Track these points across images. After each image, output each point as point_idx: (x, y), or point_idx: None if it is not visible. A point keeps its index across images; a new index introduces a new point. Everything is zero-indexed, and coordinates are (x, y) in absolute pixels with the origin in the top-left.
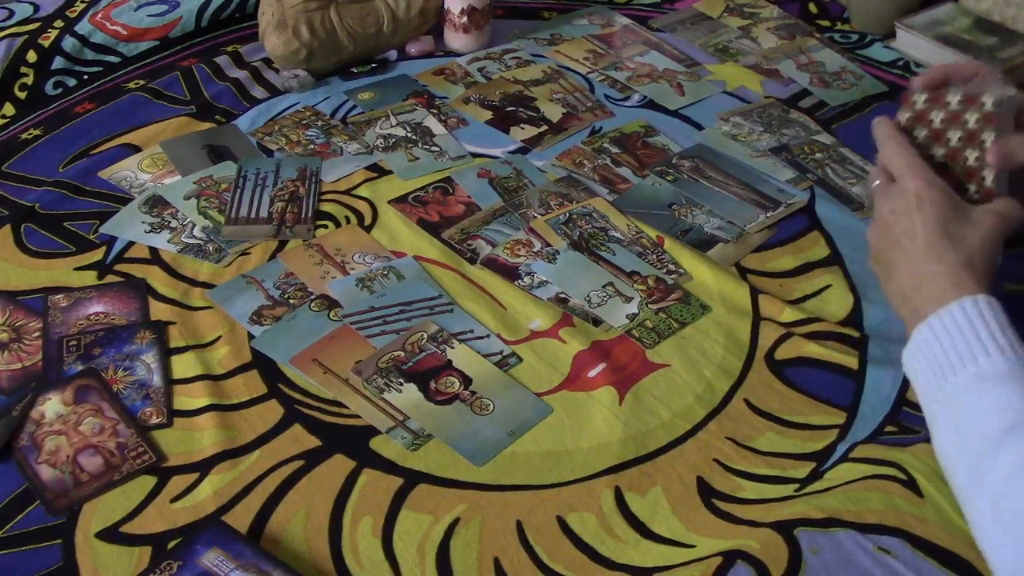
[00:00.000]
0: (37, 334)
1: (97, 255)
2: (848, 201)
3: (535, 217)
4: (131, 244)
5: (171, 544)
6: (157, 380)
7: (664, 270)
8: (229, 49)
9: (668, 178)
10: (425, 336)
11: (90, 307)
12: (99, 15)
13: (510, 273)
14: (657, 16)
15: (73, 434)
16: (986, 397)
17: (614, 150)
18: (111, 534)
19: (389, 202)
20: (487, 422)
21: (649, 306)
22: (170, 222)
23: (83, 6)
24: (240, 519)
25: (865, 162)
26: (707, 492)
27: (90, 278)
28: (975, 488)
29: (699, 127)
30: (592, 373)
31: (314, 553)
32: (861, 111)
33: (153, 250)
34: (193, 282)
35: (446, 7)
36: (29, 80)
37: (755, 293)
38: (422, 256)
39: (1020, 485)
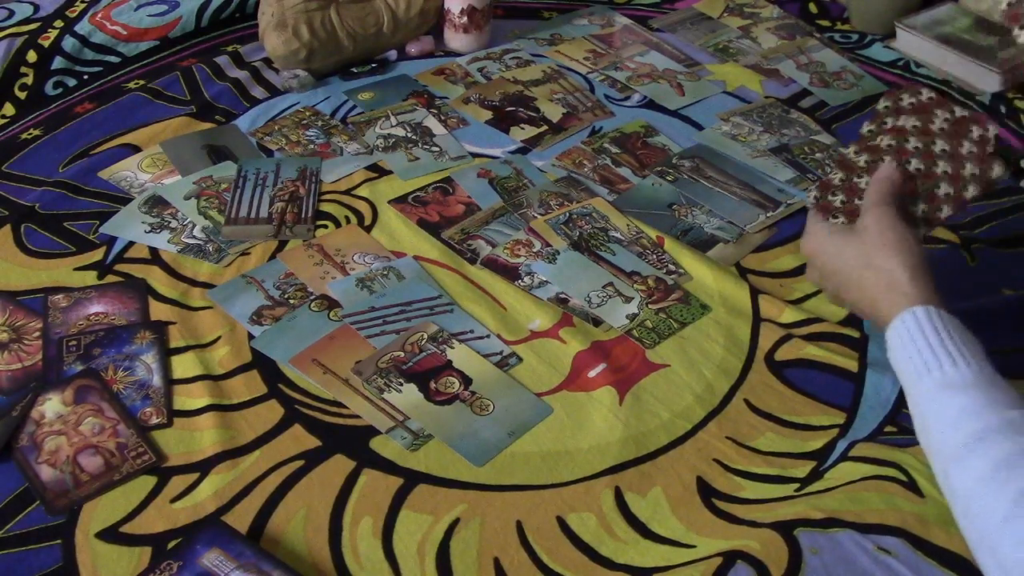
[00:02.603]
0: (37, 334)
1: (97, 255)
2: None
3: (535, 217)
4: (131, 244)
5: (171, 544)
6: (157, 380)
7: (664, 270)
8: (229, 49)
9: (668, 178)
10: (425, 336)
11: (90, 307)
12: (99, 15)
13: (510, 273)
14: (657, 16)
15: (73, 434)
16: (952, 405)
17: (614, 150)
18: (111, 534)
19: (389, 202)
20: (487, 422)
21: (649, 306)
22: (170, 222)
23: (83, 6)
24: (240, 519)
25: None
26: (707, 492)
27: (90, 278)
28: (947, 490)
29: (699, 127)
30: (592, 373)
31: (314, 553)
32: (861, 111)
33: (153, 250)
34: (193, 282)
35: (446, 7)
36: (29, 80)
37: (755, 293)
38: (422, 256)
39: (986, 492)
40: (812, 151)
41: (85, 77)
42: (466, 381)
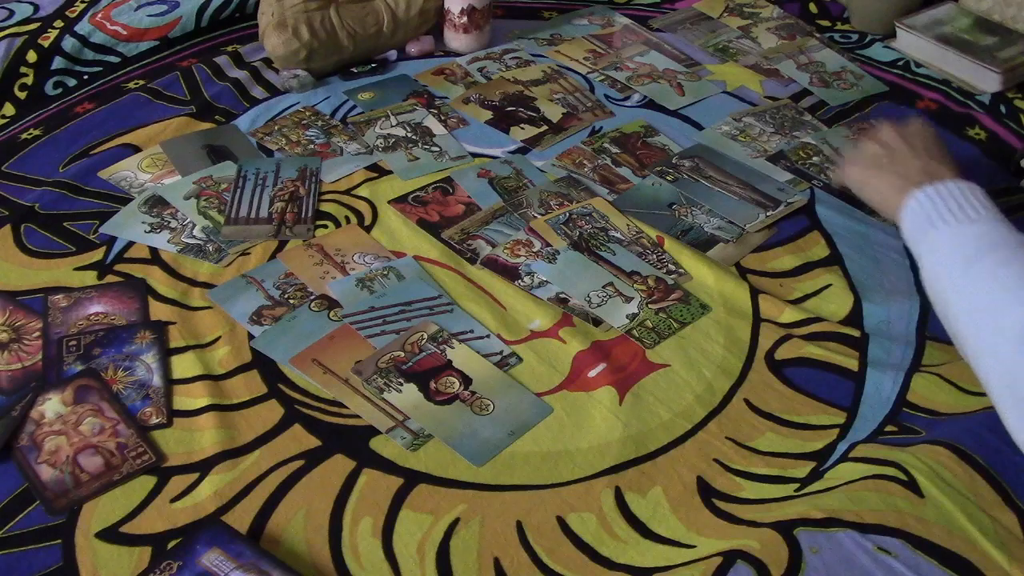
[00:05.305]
0: (37, 334)
1: (97, 255)
2: (853, 201)
3: (535, 217)
4: (131, 244)
5: (171, 544)
6: (157, 380)
7: (664, 270)
8: (229, 49)
9: (668, 178)
10: (425, 336)
11: (90, 307)
12: (99, 15)
13: (510, 273)
14: (657, 16)
15: (73, 434)
16: (975, 228)
17: (614, 150)
18: (111, 534)
19: (389, 202)
20: (487, 422)
21: (649, 306)
22: (170, 222)
23: (83, 6)
24: (240, 519)
25: None
26: (707, 492)
27: (90, 278)
28: (961, 290)
29: (699, 127)
30: (592, 373)
31: (314, 553)
32: (861, 111)
33: (153, 250)
34: (193, 282)
35: (446, 7)
36: (29, 80)
37: (755, 293)
38: (422, 256)
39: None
40: (809, 155)
41: (85, 77)
42: (466, 381)
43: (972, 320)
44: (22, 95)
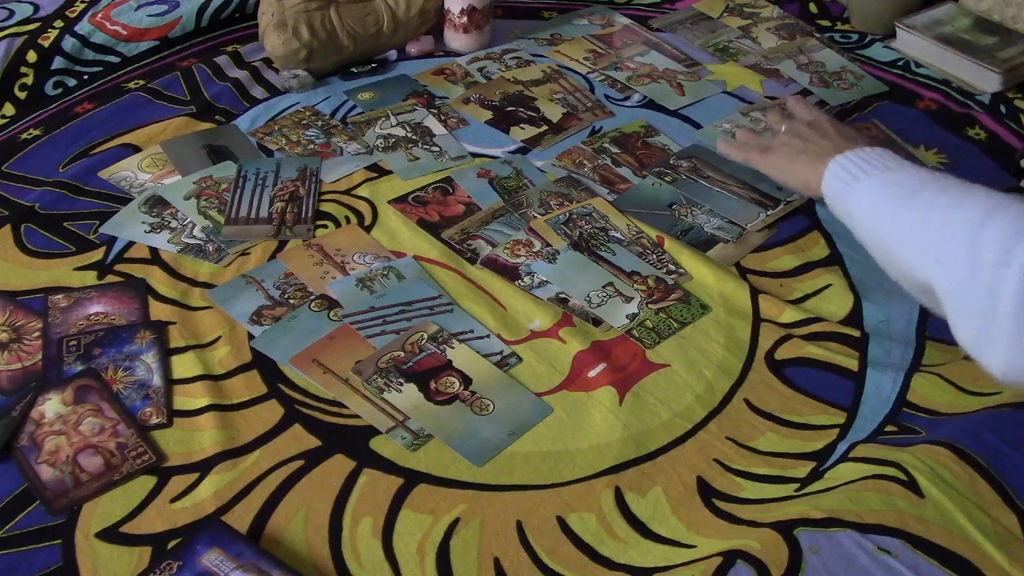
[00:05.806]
0: (37, 334)
1: (97, 255)
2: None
3: (535, 217)
4: (131, 244)
5: (171, 544)
6: (157, 380)
7: (664, 270)
8: (229, 49)
9: (667, 179)
10: (425, 336)
11: (90, 307)
12: (99, 15)
13: (510, 273)
14: (657, 16)
15: (73, 434)
16: (900, 173)
17: (614, 150)
18: (111, 534)
19: (389, 202)
20: (487, 422)
21: (649, 306)
22: (170, 222)
23: (83, 6)
24: (240, 519)
25: None
26: (707, 492)
27: (90, 278)
28: (905, 224)
29: (699, 127)
30: (592, 373)
31: (314, 553)
32: (861, 111)
33: (153, 250)
34: (193, 282)
35: (446, 7)
36: (29, 80)
37: (755, 293)
38: (422, 256)
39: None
40: None
41: (85, 77)
42: (466, 381)
43: (921, 247)
44: (22, 95)
